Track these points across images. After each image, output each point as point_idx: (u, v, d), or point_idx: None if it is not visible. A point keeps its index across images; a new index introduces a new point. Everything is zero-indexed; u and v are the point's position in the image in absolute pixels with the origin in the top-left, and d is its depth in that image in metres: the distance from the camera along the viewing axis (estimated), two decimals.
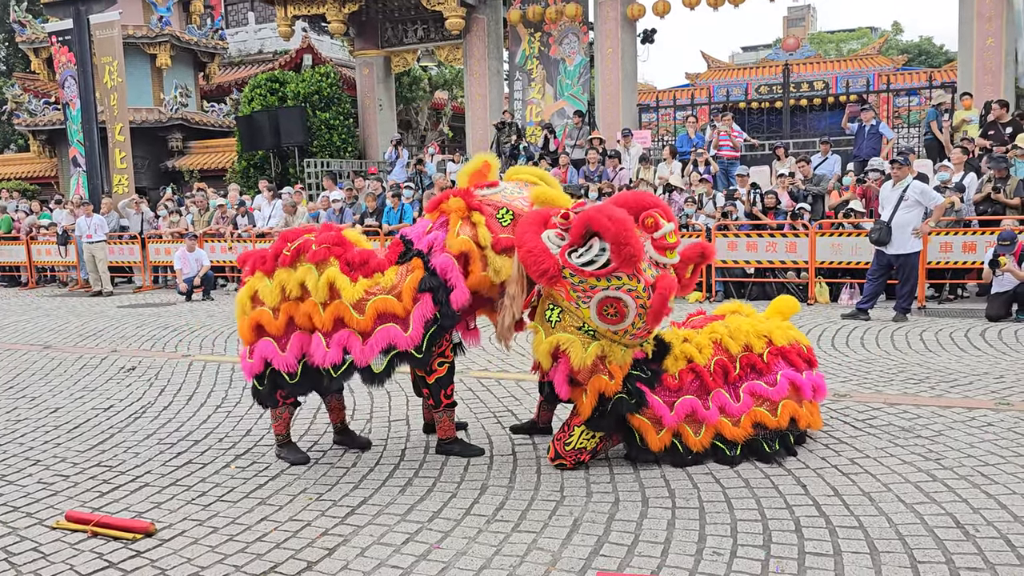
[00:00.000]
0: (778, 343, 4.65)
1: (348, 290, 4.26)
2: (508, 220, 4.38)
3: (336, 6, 17.95)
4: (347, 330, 4.27)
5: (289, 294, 4.33)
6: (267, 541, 3.61)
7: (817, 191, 11.35)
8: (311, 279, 4.28)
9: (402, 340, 4.26)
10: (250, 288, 4.46)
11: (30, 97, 23.25)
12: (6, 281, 16.33)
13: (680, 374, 4.32)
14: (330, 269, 4.30)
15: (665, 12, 16.20)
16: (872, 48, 32.16)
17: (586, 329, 4.12)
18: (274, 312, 4.36)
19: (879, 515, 3.63)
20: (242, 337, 4.52)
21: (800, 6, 61.24)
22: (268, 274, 4.40)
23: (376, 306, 4.26)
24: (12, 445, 5.17)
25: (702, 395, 4.32)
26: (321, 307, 4.28)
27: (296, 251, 4.36)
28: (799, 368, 4.64)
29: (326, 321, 4.27)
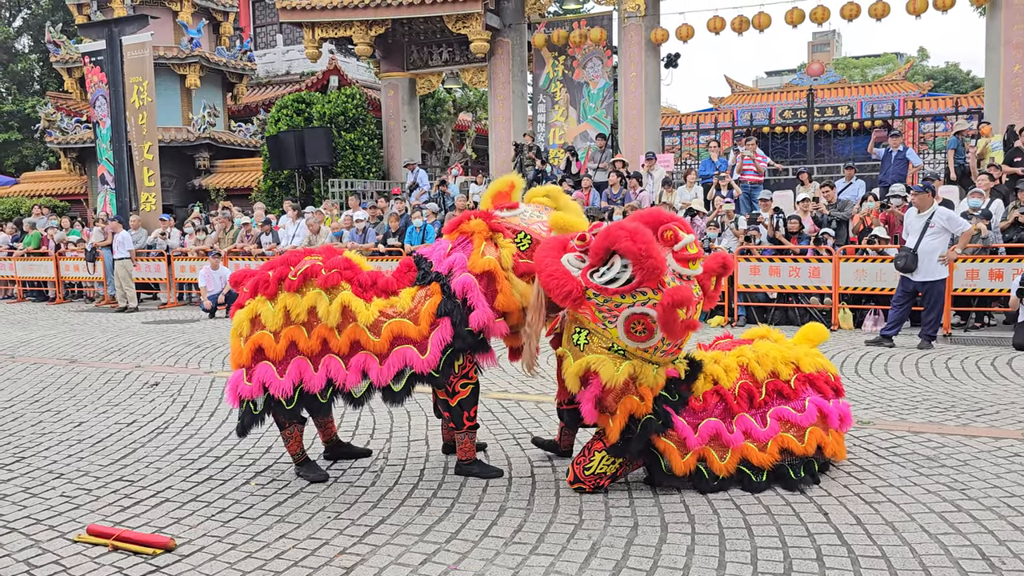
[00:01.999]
0: (805, 370, 4.60)
1: (363, 313, 4.30)
2: (526, 245, 4.42)
3: (363, 29, 18.19)
4: (364, 353, 4.30)
5: (295, 319, 4.33)
6: (285, 559, 3.62)
7: (841, 216, 11.29)
8: (322, 304, 4.30)
9: (418, 363, 4.30)
10: (251, 311, 4.44)
11: (62, 116, 23.68)
12: (34, 296, 16.57)
13: (705, 396, 4.28)
14: (343, 293, 4.34)
15: (689, 36, 16.26)
16: (898, 73, 32.07)
17: (615, 349, 4.08)
18: (275, 336, 4.34)
19: (902, 545, 3.57)
20: (237, 360, 4.46)
21: (825, 31, 61.19)
22: (271, 298, 4.40)
23: (392, 328, 4.30)
24: (36, 458, 5.23)
25: (726, 418, 4.28)
26: (336, 331, 4.30)
27: (303, 276, 4.37)
28: (826, 396, 4.58)
29: (343, 345, 4.29)
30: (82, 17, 22.15)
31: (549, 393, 6.73)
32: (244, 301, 4.51)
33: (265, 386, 4.36)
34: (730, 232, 11.20)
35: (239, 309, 4.53)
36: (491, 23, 17.49)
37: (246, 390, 4.41)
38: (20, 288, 16.57)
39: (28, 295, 16.61)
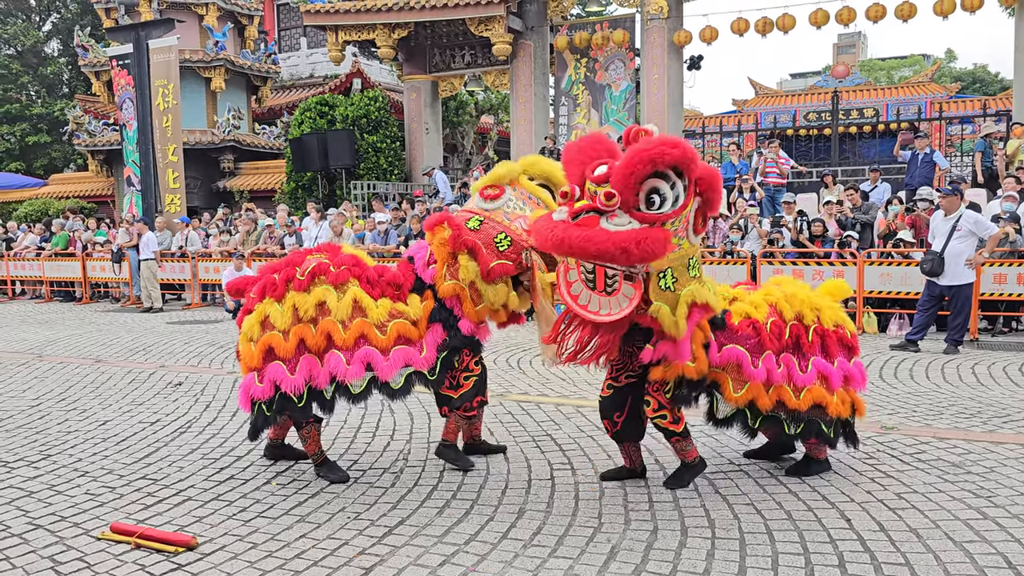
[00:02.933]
0: (825, 323, 4.45)
1: (373, 310, 4.42)
2: (505, 246, 4.50)
3: (386, 32, 18.28)
4: (370, 347, 4.37)
5: (303, 316, 4.37)
6: (305, 559, 3.64)
7: (866, 219, 11.18)
8: (332, 298, 4.38)
9: (418, 361, 4.47)
10: (260, 314, 4.46)
11: (90, 118, 24.00)
12: (61, 296, 16.79)
13: (740, 323, 4.24)
14: (353, 288, 4.43)
15: (712, 38, 16.18)
16: (924, 75, 31.70)
17: (692, 268, 4.00)
18: (284, 335, 4.37)
19: (926, 553, 3.53)
20: (248, 364, 4.46)
21: (851, 33, 60.62)
22: (278, 299, 4.44)
23: (398, 328, 4.44)
24: (62, 456, 5.30)
25: (755, 352, 4.19)
26: (342, 325, 4.36)
27: (312, 274, 4.44)
28: (832, 356, 4.43)
29: (348, 339, 4.35)
30: (110, 21, 22.44)
31: (570, 396, 6.73)
32: (252, 306, 4.53)
33: (277, 385, 4.35)
34: (753, 235, 11.13)
35: (248, 315, 4.55)
36: (513, 26, 17.51)
37: (258, 391, 4.40)
38: (48, 288, 16.80)
39: (56, 295, 16.83)
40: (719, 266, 10.75)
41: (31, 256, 17.04)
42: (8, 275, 17.35)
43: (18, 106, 29.90)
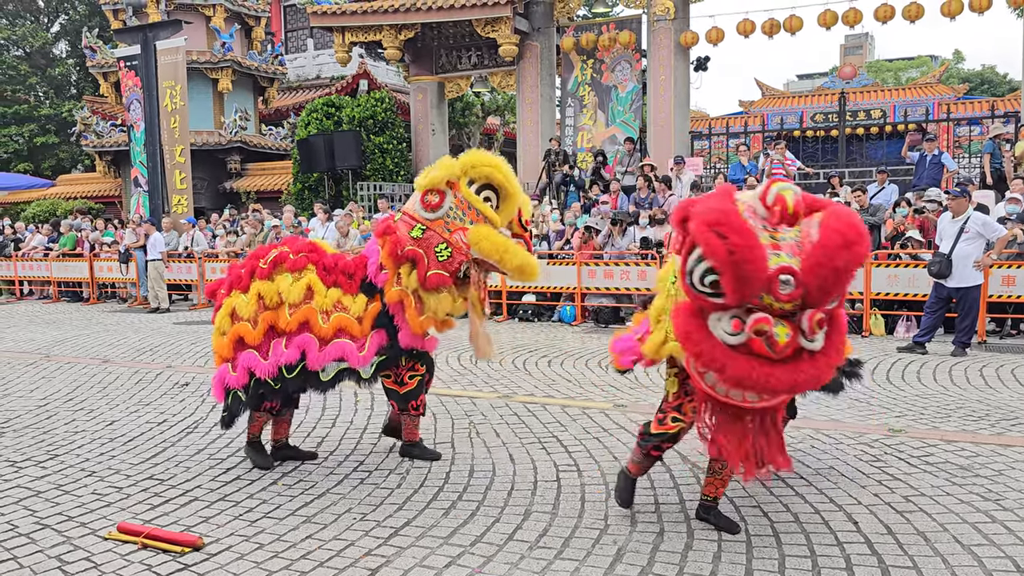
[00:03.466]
0: None
1: (321, 295, 4.60)
2: (445, 256, 4.54)
3: (392, 33, 18.30)
4: (308, 334, 4.54)
5: (269, 303, 4.59)
6: (311, 559, 3.64)
7: (873, 221, 11.13)
8: (284, 283, 4.59)
9: (354, 358, 4.57)
10: (227, 307, 4.68)
11: (98, 119, 24.09)
12: (69, 296, 16.85)
13: None
14: (309, 275, 4.63)
15: (719, 40, 16.14)
16: (932, 76, 31.59)
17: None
18: (252, 323, 4.59)
19: (934, 556, 3.51)
20: (221, 355, 4.69)
21: (858, 34, 60.50)
22: (244, 291, 4.66)
23: (340, 320, 4.57)
24: (69, 456, 5.31)
25: None
26: (289, 309, 4.56)
27: (273, 262, 4.66)
28: None
29: (292, 323, 4.55)
30: (118, 23, 22.53)
31: (576, 397, 6.72)
32: (222, 302, 4.76)
33: (251, 371, 4.57)
34: None
35: (218, 311, 4.78)
36: (520, 27, 17.51)
37: (233, 380, 4.62)
38: (55, 289, 16.86)
39: (63, 296, 16.89)
40: None
41: (39, 256, 17.10)
42: (16, 275, 17.42)
43: (26, 107, 30.04)
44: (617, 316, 11.43)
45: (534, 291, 11.96)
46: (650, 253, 11.14)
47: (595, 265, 11.49)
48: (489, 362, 4.90)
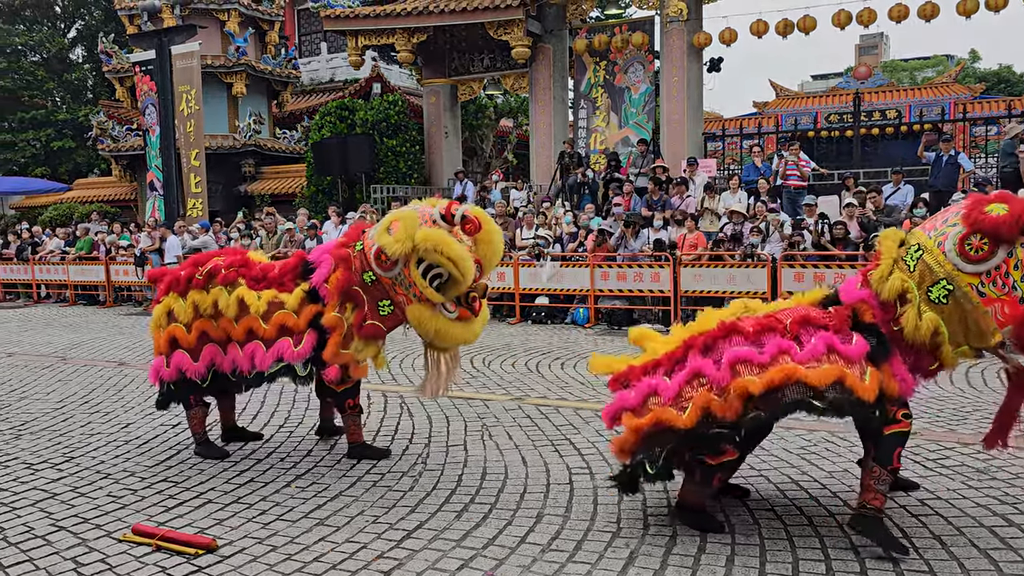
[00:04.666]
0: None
1: (255, 304, 4.92)
2: (387, 312, 4.81)
3: (405, 36, 18.35)
4: (256, 341, 4.89)
5: (204, 312, 5.00)
6: (323, 562, 3.65)
7: (889, 222, 11.05)
8: (223, 298, 4.95)
9: (290, 354, 4.81)
10: (165, 306, 5.15)
11: (113, 124, 24.27)
12: (85, 300, 16.98)
13: None
14: (239, 288, 4.97)
15: (732, 40, 16.08)
16: (948, 76, 31.36)
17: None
18: (187, 328, 5.03)
19: (950, 560, 3.48)
20: (158, 347, 5.21)
21: (872, 34, 60.12)
22: (182, 295, 5.09)
23: (279, 318, 4.85)
24: (85, 459, 5.35)
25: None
26: (235, 321, 4.92)
27: (207, 275, 5.06)
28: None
29: (240, 333, 4.92)
30: (133, 28, 22.69)
31: (588, 399, 6.71)
32: (160, 297, 5.23)
33: (181, 370, 5.05)
34: (775, 237, 11.04)
35: (157, 304, 5.26)
36: (532, 29, 17.51)
37: (166, 373, 5.14)
38: (72, 292, 17.00)
39: (80, 299, 17.02)
40: (738, 269, 10.69)
41: (56, 260, 17.25)
42: (33, 279, 17.57)
43: (43, 112, 30.31)
44: (631, 318, 11.40)
45: (547, 293, 11.95)
46: (663, 255, 11.11)
47: (608, 267, 11.47)
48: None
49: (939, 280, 3.40)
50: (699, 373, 3.65)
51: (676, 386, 3.68)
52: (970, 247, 3.36)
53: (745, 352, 3.59)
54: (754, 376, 3.49)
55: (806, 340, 3.58)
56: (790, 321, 3.68)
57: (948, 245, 3.40)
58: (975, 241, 3.34)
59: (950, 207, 3.65)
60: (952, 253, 3.38)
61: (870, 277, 3.69)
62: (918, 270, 3.47)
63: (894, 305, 3.55)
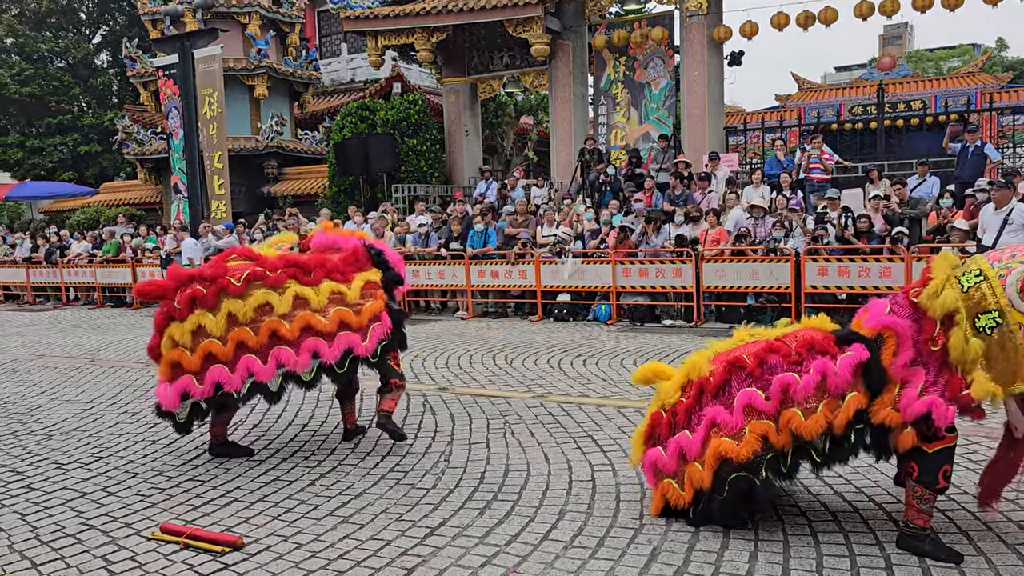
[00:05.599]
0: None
1: (314, 298, 5.02)
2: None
3: (424, 36, 18.40)
4: (315, 337, 4.95)
5: (243, 319, 4.91)
6: (348, 559, 3.68)
7: (914, 214, 10.94)
8: (274, 298, 4.96)
9: (360, 347, 5.06)
10: (192, 323, 4.89)
11: (138, 127, 24.55)
12: (113, 302, 17.21)
13: None
14: (292, 287, 5.01)
15: (753, 34, 15.96)
16: (974, 65, 30.94)
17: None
18: (223, 341, 4.88)
19: (978, 555, 3.45)
20: (189, 367, 4.88)
21: (897, 24, 59.39)
22: (211, 309, 4.91)
23: (340, 314, 5.04)
24: (114, 458, 5.44)
25: None
26: (286, 320, 4.94)
27: (247, 280, 4.98)
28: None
29: (294, 330, 4.94)
30: (156, 32, 22.92)
31: (611, 397, 6.70)
32: (182, 316, 4.91)
33: (219, 384, 4.87)
34: (798, 232, 10.96)
35: (173, 321, 4.94)
36: (551, 26, 17.50)
37: (198, 391, 4.90)
38: (100, 294, 17.24)
39: (107, 301, 17.25)
40: (761, 264, 10.62)
41: (83, 263, 17.49)
42: (62, 282, 17.84)
43: (70, 117, 30.73)
44: (653, 315, 11.37)
45: (569, 290, 11.95)
46: (685, 251, 11.06)
47: (630, 264, 11.44)
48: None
49: (990, 310, 3.32)
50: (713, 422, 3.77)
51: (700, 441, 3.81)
52: None
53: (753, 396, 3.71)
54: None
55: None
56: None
57: (1011, 279, 3.32)
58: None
59: (1018, 246, 3.56)
60: (1012, 288, 3.30)
61: (915, 293, 3.58)
62: (973, 294, 3.39)
63: (934, 324, 3.47)
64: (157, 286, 5.05)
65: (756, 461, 3.59)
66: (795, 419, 3.56)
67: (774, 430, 3.59)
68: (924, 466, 3.45)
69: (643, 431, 4.12)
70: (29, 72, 29.79)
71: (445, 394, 6.99)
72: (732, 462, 3.62)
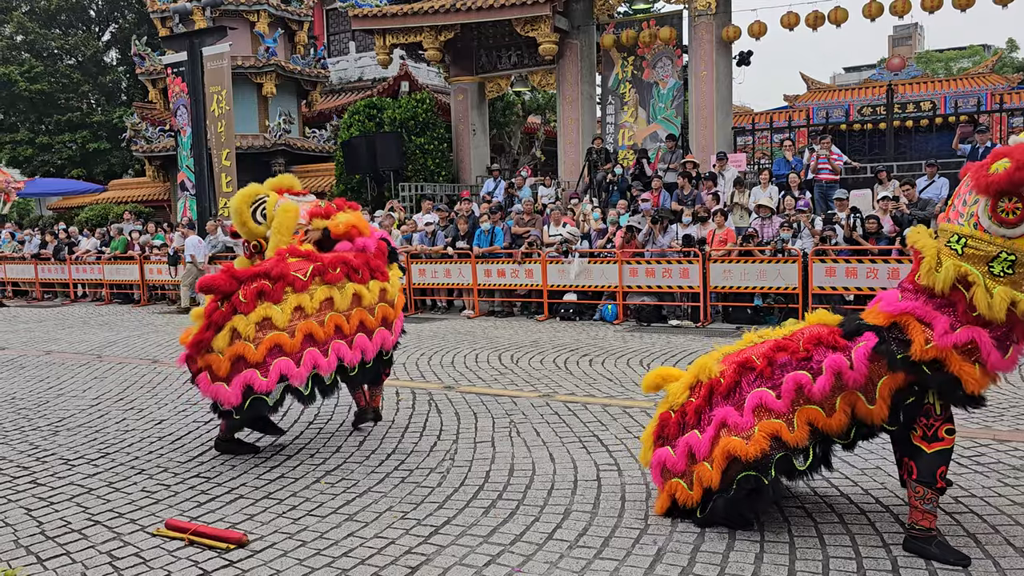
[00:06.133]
0: None
1: (367, 296, 5.35)
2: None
3: (432, 34, 18.41)
4: (363, 334, 5.30)
5: (308, 312, 5.03)
6: (352, 557, 3.68)
7: (923, 216, 10.88)
8: (336, 294, 5.19)
9: (389, 343, 5.55)
10: (258, 316, 4.87)
11: (147, 125, 24.63)
12: (120, 298, 17.26)
13: None
14: (348, 284, 5.26)
15: (761, 33, 15.91)
16: (984, 66, 30.76)
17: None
18: (290, 332, 4.93)
19: (985, 559, 3.43)
20: (252, 359, 4.78)
21: (906, 24, 59.09)
22: (277, 301, 4.95)
23: (383, 311, 5.49)
24: (120, 454, 5.45)
25: None
26: (345, 316, 5.21)
27: (313, 274, 5.12)
28: None
29: (353, 325, 5.26)
30: (165, 30, 23.01)
31: (617, 396, 6.69)
32: (247, 310, 4.87)
33: (284, 375, 4.85)
34: (806, 233, 10.92)
35: (236, 314, 4.87)
36: (559, 25, 17.47)
37: (262, 384, 4.78)
38: (108, 291, 17.29)
39: (115, 298, 17.31)
40: (769, 264, 10.59)
41: (91, 260, 17.55)
42: (70, 278, 17.90)
43: (79, 114, 30.86)
44: (659, 315, 11.34)
45: (575, 290, 11.93)
46: (692, 251, 11.04)
47: (636, 263, 11.42)
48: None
49: (996, 255, 3.26)
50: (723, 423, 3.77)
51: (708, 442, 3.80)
52: (1004, 212, 3.24)
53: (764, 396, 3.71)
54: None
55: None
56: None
57: (984, 222, 3.27)
58: (1006, 204, 3.22)
59: (957, 193, 3.52)
60: (993, 226, 3.26)
61: (918, 277, 3.52)
62: (969, 255, 3.33)
63: (960, 293, 3.36)
64: (224, 279, 4.94)
65: (766, 460, 3.58)
66: (818, 417, 3.55)
67: (786, 428, 3.57)
68: (921, 467, 3.46)
69: (652, 431, 4.11)
70: (39, 69, 29.92)
71: (451, 392, 6.99)
72: (741, 461, 3.60)
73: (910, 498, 3.54)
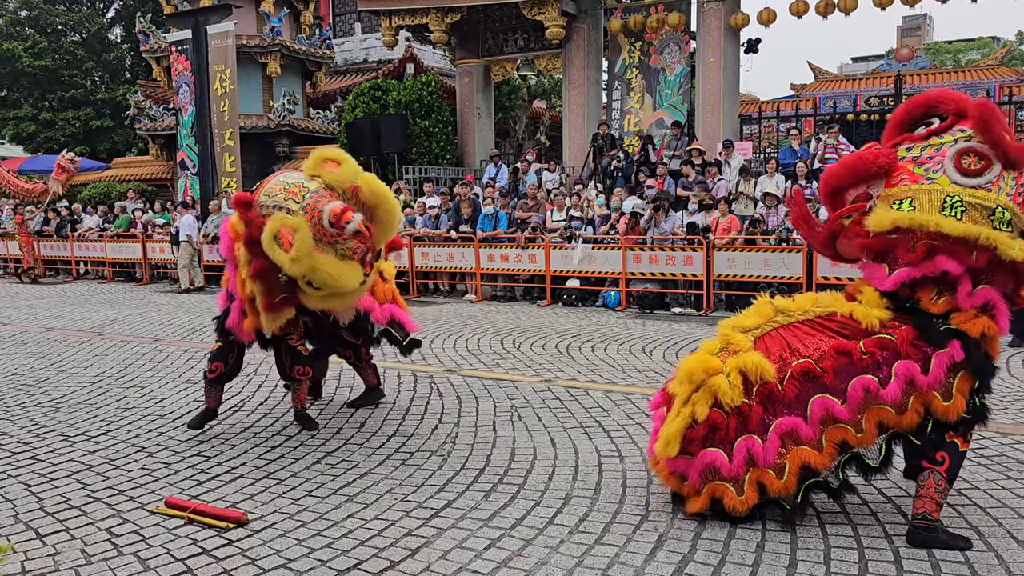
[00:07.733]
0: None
1: (389, 269, 6.18)
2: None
3: (438, 16, 18.27)
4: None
5: (388, 276, 6.13)
6: (352, 538, 3.67)
7: None
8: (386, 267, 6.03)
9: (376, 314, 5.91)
10: (376, 270, 5.38)
11: (151, 103, 24.50)
12: (123, 277, 17.24)
13: None
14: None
15: (770, 21, 15.78)
16: (993, 58, 30.55)
17: (952, 206, 3.32)
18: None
19: (987, 551, 3.41)
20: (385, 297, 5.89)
21: (915, 15, 58.68)
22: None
23: (392, 288, 6.12)
24: (120, 432, 5.44)
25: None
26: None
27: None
28: None
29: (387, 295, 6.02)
30: (170, 8, 22.83)
31: (619, 383, 6.67)
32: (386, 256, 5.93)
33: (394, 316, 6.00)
34: None
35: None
36: (567, 9, 17.34)
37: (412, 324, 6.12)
38: (110, 269, 17.27)
39: (117, 276, 17.29)
40: (773, 254, 10.55)
41: (94, 238, 17.53)
42: (72, 256, 17.88)
43: (83, 91, 30.70)
44: (662, 302, 11.31)
45: (578, 276, 11.90)
46: (696, 239, 10.99)
47: (640, 250, 11.38)
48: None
49: (994, 210, 3.27)
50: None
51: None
52: (967, 163, 3.31)
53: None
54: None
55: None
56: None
57: (951, 175, 3.33)
58: (970, 158, 3.31)
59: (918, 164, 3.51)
60: (955, 174, 3.32)
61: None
62: (968, 218, 3.28)
63: (974, 246, 3.29)
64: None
65: (834, 465, 3.64)
66: (888, 416, 3.52)
67: (852, 433, 3.54)
68: (954, 461, 3.49)
69: (683, 428, 3.66)
70: (43, 45, 29.74)
71: (452, 376, 6.98)
72: (811, 469, 3.58)
73: (926, 489, 3.50)
